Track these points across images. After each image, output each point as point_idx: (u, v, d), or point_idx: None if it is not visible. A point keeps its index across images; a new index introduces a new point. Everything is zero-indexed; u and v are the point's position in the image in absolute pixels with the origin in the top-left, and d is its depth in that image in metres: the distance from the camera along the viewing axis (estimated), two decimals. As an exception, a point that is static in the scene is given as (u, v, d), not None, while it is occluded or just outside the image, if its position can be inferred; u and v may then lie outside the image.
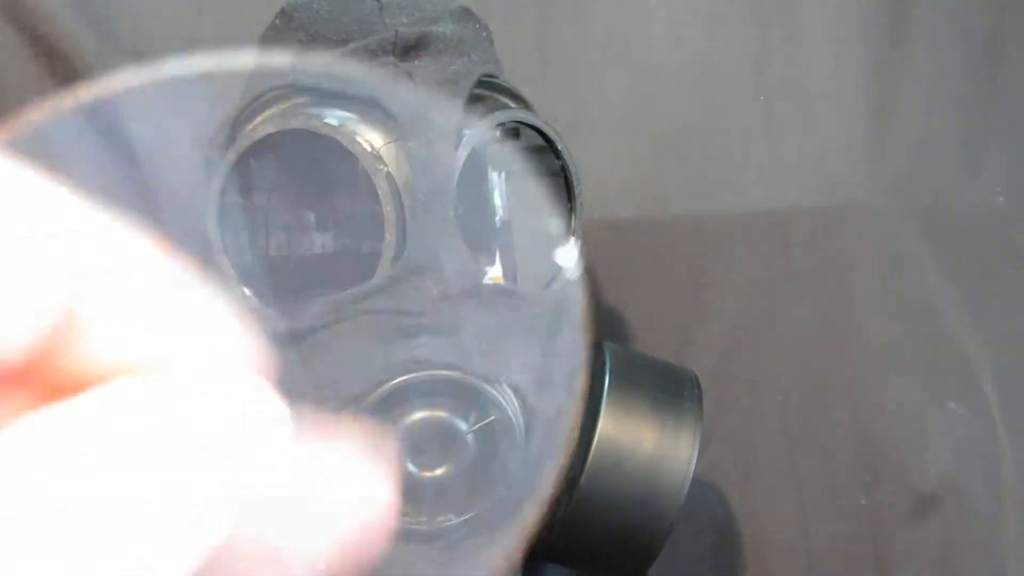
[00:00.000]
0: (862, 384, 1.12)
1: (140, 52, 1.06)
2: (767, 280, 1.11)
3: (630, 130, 1.12)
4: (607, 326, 1.10)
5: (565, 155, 0.80)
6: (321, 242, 0.79)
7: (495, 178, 0.82)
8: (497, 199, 0.83)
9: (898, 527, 1.11)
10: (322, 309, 0.73)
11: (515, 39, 1.08)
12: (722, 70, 1.13)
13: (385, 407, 0.71)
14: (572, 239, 0.81)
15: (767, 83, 1.12)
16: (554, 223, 0.83)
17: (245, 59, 0.63)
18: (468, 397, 0.72)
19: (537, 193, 0.85)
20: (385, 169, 0.72)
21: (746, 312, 1.11)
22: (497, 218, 0.83)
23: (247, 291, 0.76)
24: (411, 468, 0.72)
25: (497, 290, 0.74)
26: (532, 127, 0.79)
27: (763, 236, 1.11)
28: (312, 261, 0.80)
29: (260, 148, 0.75)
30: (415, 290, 0.71)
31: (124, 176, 1.06)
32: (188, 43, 1.08)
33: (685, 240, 1.11)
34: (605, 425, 0.79)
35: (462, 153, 0.73)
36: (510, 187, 0.83)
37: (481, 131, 0.75)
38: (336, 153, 0.73)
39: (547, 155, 0.81)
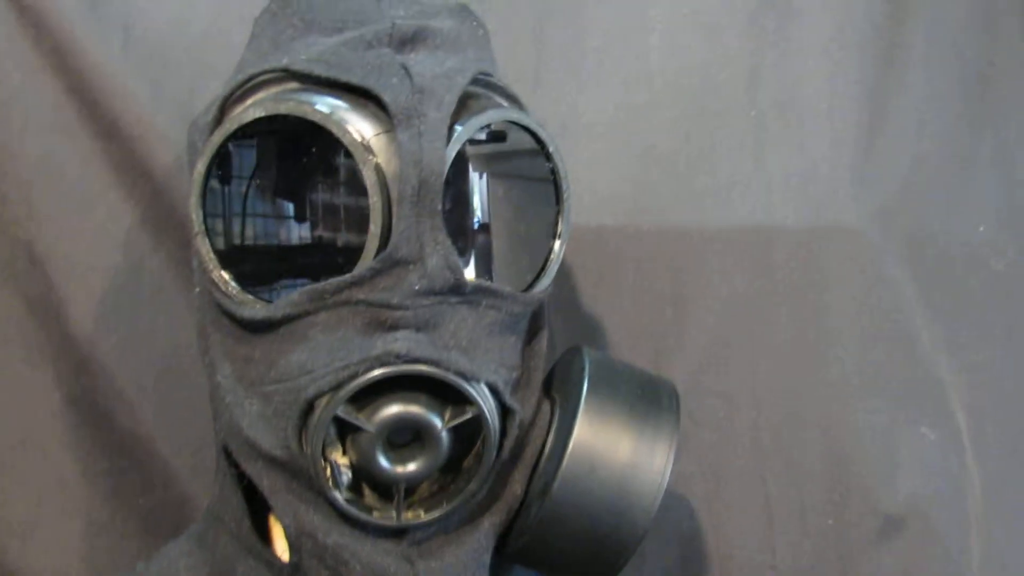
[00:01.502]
0: (836, 404, 1.11)
1: (128, 26, 1.05)
2: (747, 296, 1.11)
3: (620, 138, 1.11)
4: (585, 332, 1.10)
5: (556, 158, 0.79)
6: (304, 230, 0.78)
7: (476, 181, 0.82)
8: (477, 200, 0.82)
9: (864, 548, 1.11)
10: (300, 298, 0.72)
11: (512, 39, 1.08)
12: (716, 82, 1.12)
13: (360, 400, 0.70)
14: (557, 243, 0.81)
15: (760, 98, 1.12)
16: (539, 226, 0.82)
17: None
18: (445, 393, 0.72)
19: (523, 195, 0.85)
20: (374, 160, 0.71)
21: (724, 326, 1.11)
22: (476, 219, 0.82)
23: (225, 276, 0.75)
24: (383, 462, 0.71)
25: (479, 288, 0.74)
26: (524, 128, 0.78)
27: (746, 252, 1.11)
28: (293, 249, 0.79)
29: (247, 132, 0.75)
30: (397, 283, 0.70)
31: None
32: (179, 22, 1.07)
33: (668, 251, 1.10)
34: (581, 430, 0.78)
35: (453, 148, 0.72)
36: (493, 190, 0.83)
37: (473, 128, 0.74)
38: (325, 141, 0.72)
39: (536, 158, 0.80)
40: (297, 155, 0.78)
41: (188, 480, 1.07)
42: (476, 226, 0.82)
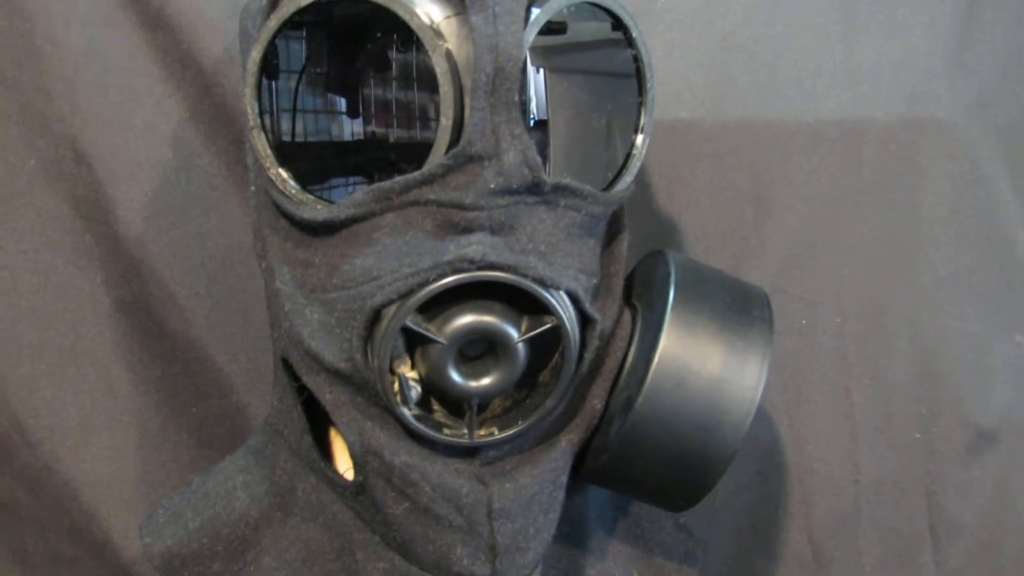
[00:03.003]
0: (926, 311, 1.06)
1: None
2: (833, 194, 1.04)
3: (697, 25, 1.03)
4: (659, 234, 1.04)
5: (639, 43, 0.73)
6: (368, 125, 0.72)
7: (533, 76, 0.75)
8: (553, 93, 0.76)
9: (954, 464, 1.07)
10: (365, 197, 0.66)
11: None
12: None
13: (430, 309, 0.65)
14: (640, 137, 0.74)
15: (849, -20, 1.04)
16: (619, 120, 0.76)
17: None
18: (521, 302, 0.66)
19: (602, 88, 0.79)
20: (445, 45, 0.65)
21: (808, 227, 1.05)
22: (532, 121, 0.76)
23: (283, 173, 0.69)
24: (455, 376, 0.66)
25: (558, 186, 0.67)
26: (606, 10, 0.71)
27: (832, 147, 1.04)
28: (357, 145, 0.73)
29: (306, 16, 0.68)
30: (471, 181, 0.64)
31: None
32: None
33: (749, 147, 1.03)
34: (668, 340, 0.72)
35: (531, 32, 0.65)
36: (553, 87, 0.76)
37: (552, 9, 0.67)
38: (391, 25, 0.66)
39: (613, 49, 0.74)
40: (360, 41, 0.71)
41: (244, 389, 1.03)
42: (552, 120, 0.75)
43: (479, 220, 0.64)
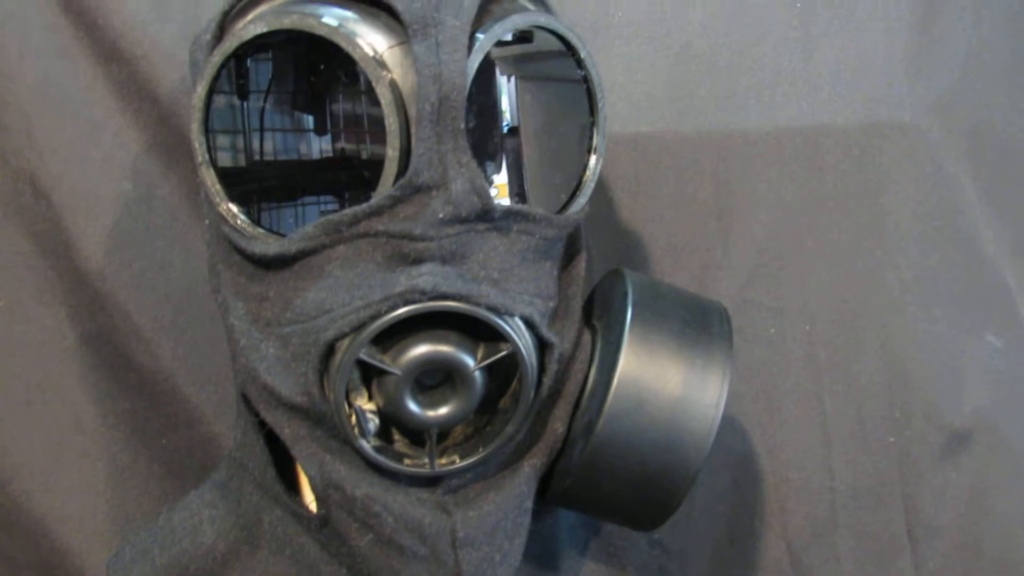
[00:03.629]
0: (894, 314, 1.05)
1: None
2: (797, 202, 1.04)
3: (655, 37, 1.03)
4: (623, 249, 1.03)
5: (588, 64, 0.72)
6: (316, 156, 0.72)
7: (504, 84, 0.75)
8: (506, 108, 0.75)
9: (929, 466, 1.06)
10: (315, 230, 0.66)
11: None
12: (758, -31, 1.04)
13: (384, 340, 0.64)
14: (593, 158, 0.74)
15: (807, -15, 1.04)
16: (573, 140, 0.76)
17: None
18: (477, 330, 0.66)
19: (554, 104, 0.78)
20: (388, 76, 0.65)
21: (773, 236, 1.04)
22: (505, 127, 0.76)
23: (234, 208, 0.69)
24: (413, 407, 0.66)
25: (509, 212, 0.67)
26: (553, 32, 0.71)
27: (794, 155, 1.03)
28: (305, 176, 0.73)
29: (251, 49, 0.68)
30: (419, 211, 0.64)
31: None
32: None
33: (710, 158, 1.03)
34: (626, 362, 0.72)
35: (475, 59, 0.65)
36: (521, 95, 0.76)
37: (495, 36, 0.67)
38: (334, 57, 0.65)
39: (567, 61, 0.73)
40: (305, 73, 0.71)
41: (212, 418, 1.02)
42: (500, 140, 0.75)
43: (429, 250, 0.64)
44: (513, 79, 0.75)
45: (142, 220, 0.99)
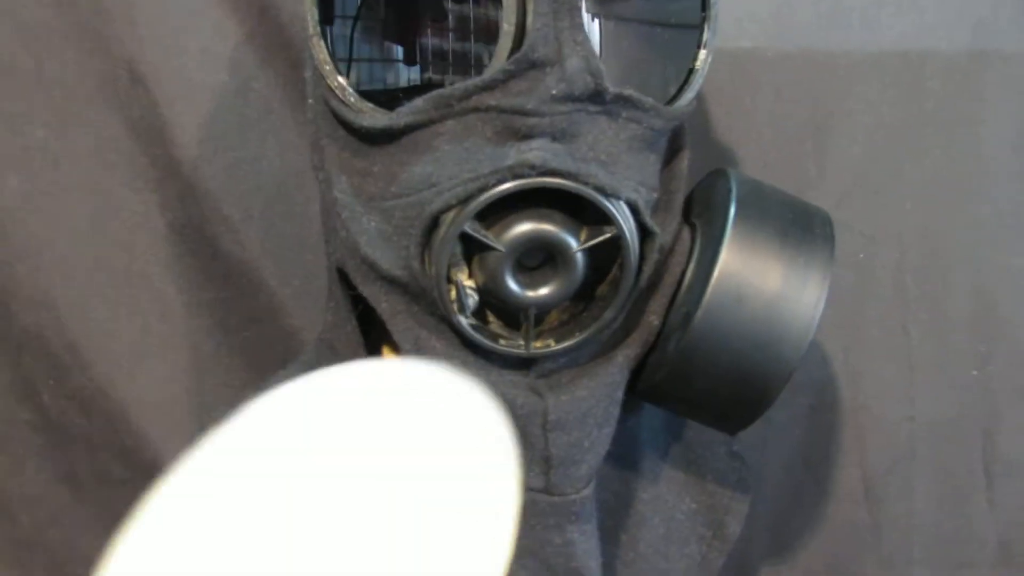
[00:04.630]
0: (987, 247, 1.04)
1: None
2: (895, 126, 1.02)
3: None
4: (718, 163, 1.01)
5: None
6: (430, 31, 0.72)
7: None
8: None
9: (1012, 403, 1.05)
10: (425, 104, 0.65)
11: None
12: None
13: (489, 215, 0.64)
14: (703, 52, 0.73)
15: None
16: (682, 36, 0.75)
17: None
18: (581, 212, 0.65)
19: (665, 2, 0.77)
20: None
21: (869, 159, 1.02)
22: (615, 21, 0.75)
23: (343, 82, 0.69)
24: (513, 286, 0.65)
25: (620, 96, 0.66)
26: None
27: (895, 78, 1.02)
28: (417, 51, 0.72)
29: None
30: (532, 87, 0.63)
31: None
32: None
33: (810, 76, 1.01)
34: (728, 255, 0.71)
35: None
36: None
37: None
38: None
39: None
40: None
41: (296, 312, 1.02)
42: (615, 30, 0.74)
43: (540, 126, 0.63)
44: None
45: (236, 112, 0.99)
